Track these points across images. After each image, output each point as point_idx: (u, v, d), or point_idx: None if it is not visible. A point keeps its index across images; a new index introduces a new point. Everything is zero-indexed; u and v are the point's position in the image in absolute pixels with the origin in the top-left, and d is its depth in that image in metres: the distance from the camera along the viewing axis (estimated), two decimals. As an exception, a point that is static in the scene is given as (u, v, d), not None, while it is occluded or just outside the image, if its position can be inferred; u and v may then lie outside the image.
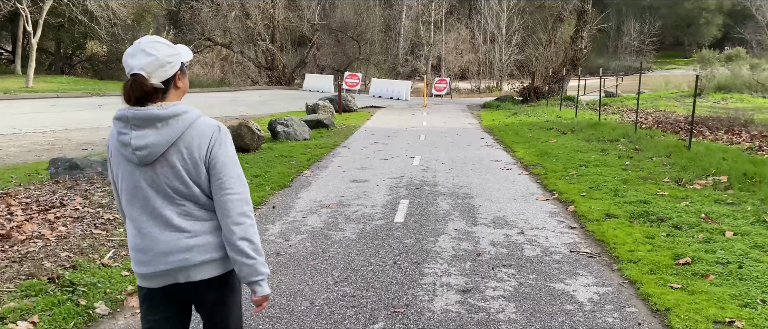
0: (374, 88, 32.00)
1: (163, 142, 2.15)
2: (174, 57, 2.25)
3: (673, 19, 73.60)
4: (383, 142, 14.14)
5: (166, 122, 2.15)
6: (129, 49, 2.24)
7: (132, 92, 2.16)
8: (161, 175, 2.20)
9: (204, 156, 2.21)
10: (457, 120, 20.51)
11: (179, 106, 2.20)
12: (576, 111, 19.28)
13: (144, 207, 2.24)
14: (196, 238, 2.25)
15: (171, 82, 2.24)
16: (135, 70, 2.17)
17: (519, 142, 13.56)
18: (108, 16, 35.28)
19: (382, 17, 51.15)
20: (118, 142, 2.19)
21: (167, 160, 2.18)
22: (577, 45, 28.15)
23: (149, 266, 2.26)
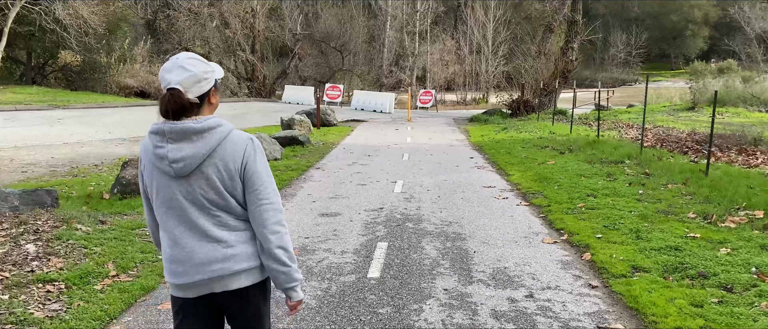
0: (356, 100, 30.64)
1: (198, 154, 2.23)
2: (209, 73, 2.32)
3: (660, 32, 73.27)
4: (362, 161, 12.74)
5: (201, 135, 2.23)
6: (166, 64, 2.30)
7: (169, 106, 2.22)
8: (197, 187, 2.27)
9: (239, 168, 2.30)
10: (443, 135, 19.17)
11: (213, 119, 2.27)
12: (571, 126, 18.04)
13: (180, 219, 2.30)
14: (232, 248, 2.32)
15: (206, 98, 2.31)
16: (172, 84, 2.23)
17: (513, 162, 12.23)
18: (79, 24, 33.65)
19: (366, 27, 49.97)
20: (154, 155, 2.27)
21: (203, 172, 2.26)
22: (567, 56, 27.04)
23: (185, 276, 2.31)
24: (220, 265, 2.29)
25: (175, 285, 2.36)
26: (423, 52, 47.48)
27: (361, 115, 26.79)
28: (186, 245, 2.29)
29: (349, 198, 8.73)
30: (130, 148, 15.27)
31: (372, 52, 50.03)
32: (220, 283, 2.32)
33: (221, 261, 2.29)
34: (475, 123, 24.25)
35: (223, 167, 2.26)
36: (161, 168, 2.25)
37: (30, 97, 28.70)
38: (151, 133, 2.27)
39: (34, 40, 37.14)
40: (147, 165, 2.32)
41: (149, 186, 2.35)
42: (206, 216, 2.29)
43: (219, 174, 2.26)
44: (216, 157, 2.25)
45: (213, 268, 2.29)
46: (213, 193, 2.28)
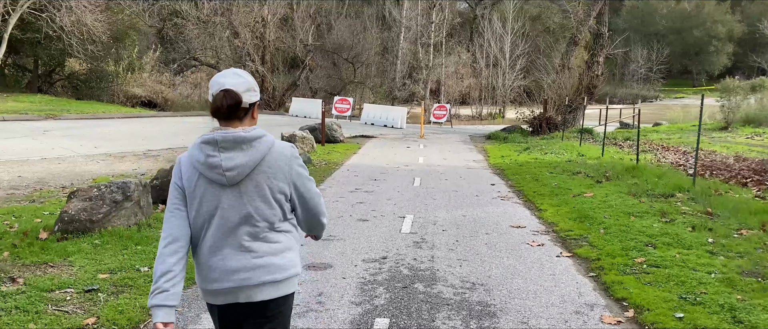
0: (366, 114, 29.00)
1: (250, 162, 2.37)
2: (257, 87, 2.50)
3: (682, 47, 71.23)
4: (367, 187, 11.05)
5: (251, 144, 2.38)
6: (220, 73, 2.48)
7: (225, 101, 2.36)
8: (245, 195, 2.39)
9: (286, 175, 2.44)
10: (459, 155, 17.45)
11: (259, 130, 2.44)
12: (603, 148, 16.22)
13: (220, 227, 2.40)
14: (261, 259, 2.42)
15: (251, 109, 2.47)
16: (227, 86, 2.39)
17: (543, 193, 10.47)
18: (81, 31, 32.49)
19: (380, 39, 48.51)
20: (205, 164, 2.37)
21: (253, 179, 2.39)
22: (593, 71, 25.28)
23: (216, 283, 2.41)
24: (247, 275, 2.40)
25: (206, 291, 2.46)
26: (437, 65, 45.85)
27: (371, 130, 25.15)
28: (222, 252, 2.41)
29: (345, 241, 7.03)
30: (112, 165, 13.72)
31: (385, 64, 48.54)
32: (245, 293, 2.41)
33: (249, 271, 2.40)
34: (493, 141, 22.49)
35: (272, 174, 2.41)
36: (211, 177, 2.37)
37: (31, 106, 27.42)
38: (202, 143, 2.39)
39: (39, 47, 36.07)
40: (191, 176, 2.42)
41: (191, 195, 2.43)
42: (246, 225, 2.42)
43: (268, 182, 2.41)
44: (265, 165, 2.40)
45: (240, 277, 2.40)
46: (260, 201, 2.41)
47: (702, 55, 72.22)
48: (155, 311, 2.32)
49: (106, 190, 6.90)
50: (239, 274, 2.40)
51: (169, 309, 2.32)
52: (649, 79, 69.67)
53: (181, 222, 2.44)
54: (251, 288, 2.40)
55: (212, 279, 2.41)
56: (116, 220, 6.89)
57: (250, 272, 2.40)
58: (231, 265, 2.40)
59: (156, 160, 14.98)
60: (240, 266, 2.40)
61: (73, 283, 5.14)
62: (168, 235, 2.41)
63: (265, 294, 2.43)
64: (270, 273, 2.42)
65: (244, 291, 2.41)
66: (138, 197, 7.21)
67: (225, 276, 2.40)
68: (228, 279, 2.40)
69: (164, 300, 2.32)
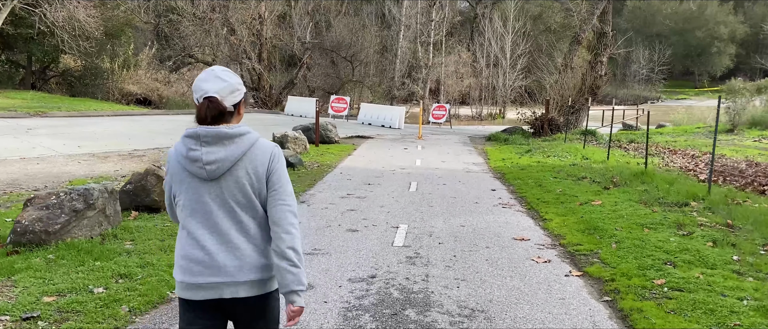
0: (364, 114, 28.30)
1: (230, 157, 2.38)
2: (241, 85, 2.48)
3: (684, 48, 70.54)
4: (360, 193, 10.37)
5: (233, 140, 2.38)
6: (201, 74, 2.47)
7: (208, 112, 2.38)
8: (225, 189, 2.40)
9: (265, 171, 2.44)
10: (458, 157, 16.76)
11: (243, 126, 2.43)
12: (608, 151, 15.53)
13: (204, 221, 2.41)
14: (248, 257, 2.40)
15: (237, 107, 2.47)
16: (209, 93, 2.39)
17: (547, 200, 9.78)
18: (73, 27, 31.82)
19: (379, 37, 47.84)
20: (187, 157, 2.39)
21: (233, 174, 2.39)
22: (596, 70, 24.62)
23: (200, 277, 2.38)
24: (234, 271, 2.38)
25: (185, 285, 2.41)
26: (437, 64, 45.15)
27: (368, 131, 24.45)
28: (206, 246, 2.39)
29: (330, 255, 6.35)
30: (93, 166, 13.05)
31: (384, 63, 47.85)
32: (230, 289, 2.39)
33: (236, 268, 2.38)
34: (493, 142, 21.81)
35: (253, 170, 2.42)
36: (193, 170, 2.39)
37: (21, 103, 26.72)
38: (185, 136, 2.40)
39: (33, 43, 35.39)
40: (177, 169, 2.44)
41: (177, 189, 2.46)
42: (231, 220, 2.41)
43: (248, 178, 2.41)
44: (246, 161, 2.40)
45: (227, 273, 2.37)
46: (241, 195, 2.41)
47: (704, 56, 71.56)
48: None
49: (66, 198, 6.21)
50: (226, 270, 2.38)
51: None
52: (650, 79, 69.04)
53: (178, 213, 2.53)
54: (238, 285, 2.40)
55: (196, 273, 2.39)
56: (77, 231, 6.20)
57: (237, 268, 2.40)
58: (217, 261, 2.39)
59: (141, 161, 14.31)
60: (226, 262, 2.39)
61: (10, 309, 4.46)
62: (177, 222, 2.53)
63: (250, 290, 2.41)
64: (257, 271, 2.41)
65: (230, 288, 2.39)
66: (102, 205, 6.52)
67: (209, 270, 2.38)
68: (213, 274, 2.38)
69: None
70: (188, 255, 2.41)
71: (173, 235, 6.94)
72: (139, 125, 21.36)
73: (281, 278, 2.40)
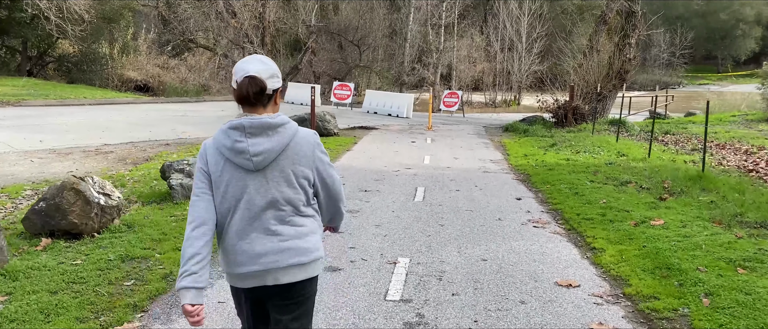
0: (369, 101, 26.11)
1: (276, 148, 2.44)
2: (279, 73, 2.55)
3: (706, 31, 67.49)
4: (352, 204, 8.29)
5: (277, 130, 2.44)
6: (244, 59, 2.53)
7: (250, 88, 2.43)
8: (271, 180, 2.46)
9: (310, 160, 2.52)
10: (473, 153, 14.63)
11: (284, 116, 2.48)
12: (650, 147, 13.28)
13: (247, 212, 2.46)
14: (288, 242, 2.49)
15: (274, 95, 2.53)
16: (251, 72, 2.44)
17: (590, 216, 7.64)
18: (60, 9, 29.94)
19: (388, 20, 45.49)
20: (232, 149, 2.43)
21: (278, 165, 2.46)
22: (625, 54, 22.27)
23: (244, 266, 2.47)
24: (275, 258, 2.46)
25: (233, 275, 2.51)
26: (449, 48, 42.80)
27: (373, 120, 22.33)
28: (248, 236, 2.46)
29: (293, 320, 4.29)
30: (46, 165, 11.10)
31: (393, 47, 45.58)
32: (272, 275, 2.47)
33: (276, 254, 2.46)
34: (512, 134, 19.62)
35: (297, 160, 2.47)
36: (238, 162, 2.43)
37: (11, 90, 24.84)
38: (229, 128, 2.44)
39: (27, 28, 33.48)
40: (218, 161, 2.47)
41: (217, 181, 2.47)
42: (272, 209, 2.47)
43: (293, 167, 2.47)
44: (290, 151, 2.46)
45: (268, 260, 2.45)
46: (285, 185, 2.47)
47: (728, 40, 68.46)
48: (184, 293, 2.38)
49: None
50: (267, 257, 2.46)
51: (198, 291, 2.38)
52: (671, 64, 66.16)
53: (207, 205, 2.48)
54: (279, 271, 2.48)
55: (240, 263, 2.47)
56: None
57: (278, 255, 2.47)
58: (258, 249, 2.46)
59: (105, 158, 12.33)
60: (267, 249, 2.47)
61: None
62: (195, 219, 2.46)
63: (292, 276, 2.50)
64: (297, 256, 2.49)
65: (272, 274, 2.48)
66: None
67: (253, 259, 2.46)
68: (255, 262, 2.46)
69: (193, 283, 2.37)
70: (234, 247, 2.48)
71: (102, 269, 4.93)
72: (121, 115, 19.39)
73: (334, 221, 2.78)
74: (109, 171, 10.98)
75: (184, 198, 8.03)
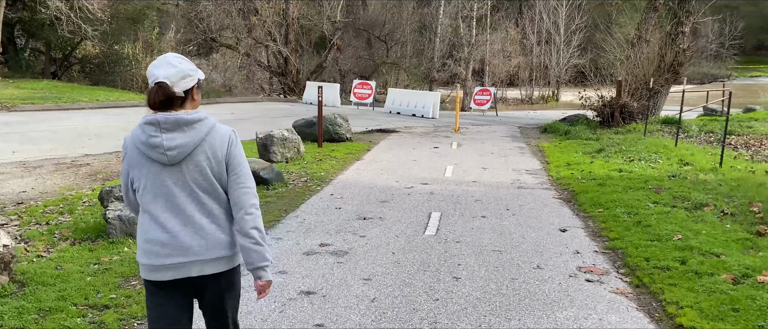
0: (391, 100, 24.03)
1: (190, 143, 2.50)
2: (193, 72, 2.59)
3: (758, 20, 63.30)
4: (342, 240, 6.33)
5: (192, 126, 2.50)
6: (155, 61, 2.56)
7: (156, 97, 2.49)
8: (187, 173, 2.52)
9: (225, 154, 2.57)
10: (505, 160, 12.51)
11: (201, 112, 2.56)
12: (722, 153, 10.95)
13: (167, 204, 2.52)
14: (212, 235, 2.54)
15: (189, 94, 2.57)
16: (159, 78, 2.49)
17: (664, 263, 5.50)
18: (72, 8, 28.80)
19: (417, 14, 43.36)
20: (147, 144, 2.49)
21: (194, 159, 2.51)
22: (678, 44, 19.77)
23: (166, 258, 2.50)
24: (200, 250, 2.51)
25: (151, 267, 2.52)
26: (481, 42, 40.46)
27: (395, 121, 20.32)
28: (171, 229, 2.49)
29: None
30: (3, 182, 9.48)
31: (422, 42, 43.46)
32: (197, 267, 2.52)
33: (202, 247, 2.51)
34: (551, 135, 17.37)
35: (212, 155, 2.54)
36: (154, 156, 2.48)
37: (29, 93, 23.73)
38: (145, 123, 2.49)
39: (49, 29, 32.49)
40: (135, 155, 2.53)
41: (136, 175, 2.55)
42: (194, 202, 2.53)
43: (208, 162, 2.53)
44: (205, 146, 2.52)
45: (193, 252, 2.50)
46: (202, 179, 2.53)
47: (782, 28, 64.14)
48: None
49: None
50: (192, 249, 2.50)
51: None
52: (719, 56, 62.32)
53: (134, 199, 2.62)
54: (205, 263, 2.52)
55: (162, 255, 2.49)
56: None
57: (202, 247, 2.51)
58: (182, 242, 2.49)
59: (76, 172, 10.66)
60: (191, 242, 2.50)
61: None
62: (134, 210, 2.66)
63: (216, 267, 2.55)
64: (221, 248, 2.55)
65: (197, 266, 2.51)
66: None
67: (177, 252, 2.48)
68: (180, 254, 2.48)
69: None
70: (153, 238, 2.50)
71: None
72: (119, 120, 17.81)
73: (247, 256, 2.58)
74: (69, 190, 9.27)
75: (123, 235, 6.19)
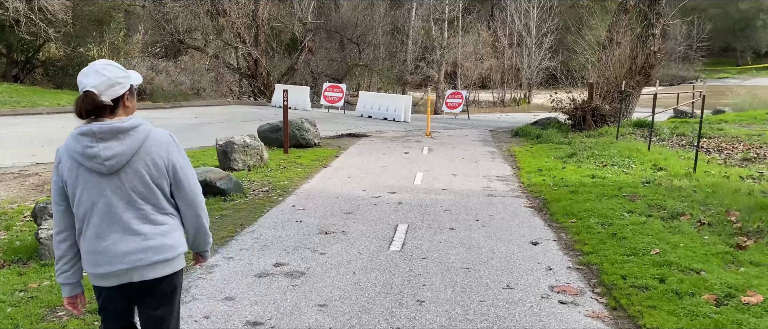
0: (362, 104, 23.60)
1: (128, 151, 2.50)
2: (123, 79, 2.57)
3: (725, 22, 64.31)
4: (299, 259, 5.87)
5: (128, 133, 2.51)
6: (84, 70, 2.57)
7: (83, 106, 2.48)
8: (126, 182, 2.53)
9: (164, 161, 2.59)
10: (476, 167, 12.15)
11: (136, 119, 2.55)
12: (696, 159, 10.73)
13: (106, 214, 2.54)
14: (151, 240, 2.59)
15: (120, 101, 2.56)
16: (87, 87, 2.50)
17: (643, 281, 5.14)
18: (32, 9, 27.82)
19: (389, 16, 43.02)
20: (83, 154, 2.48)
21: (132, 166, 2.52)
22: (649, 46, 19.70)
23: (107, 266, 2.55)
24: (139, 256, 2.56)
25: (96, 275, 2.59)
26: (453, 44, 40.26)
27: (366, 125, 19.89)
28: (109, 237, 2.53)
29: None
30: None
31: (395, 45, 43.13)
32: (138, 273, 2.58)
33: (141, 252, 2.56)
34: (522, 139, 17.11)
35: (151, 161, 2.55)
36: (91, 167, 2.48)
37: None
38: (79, 134, 2.48)
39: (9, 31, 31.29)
40: (71, 166, 2.51)
41: (72, 186, 2.53)
42: (132, 210, 2.55)
43: (147, 168, 2.54)
44: (143, 153, 2.52)
45: (132, 258, 2.55)
46: (141, 186, 2.55)
47: (748, 31, 65.26)
48: (63, 287, 2.67)
49: None
50: (132, 256, 2.54)
51: (74, 285, 2.65)
52: (688, 58, 63.13)
53: (64, 213, 2.59)
54: (145, 268, 2.57)
55: (103, 263, 2.53)
56: None
57: (143, 253, 2.56)
58: (122, 248, 2.54)
59: (22, 183, 10.02)
60: (131, 248, 2.55)
61: None
62: (57, 225, 2.61)
63: (158, 271, 2.61)
64: (161, 253, 2.59)
65: (138, 271, 2.57)
66: None
67: (117, 259, 2.53)
68: (120, 261, 2.53)
69: (67, 279, 2.63)
70: (94, 248, 2.54)
71: None
72: (79, 123, 17.03)
73: (199, 242, 2.83)
74: (11, 203, 8.64)
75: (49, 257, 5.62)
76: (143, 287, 2.61)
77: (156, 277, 2.60)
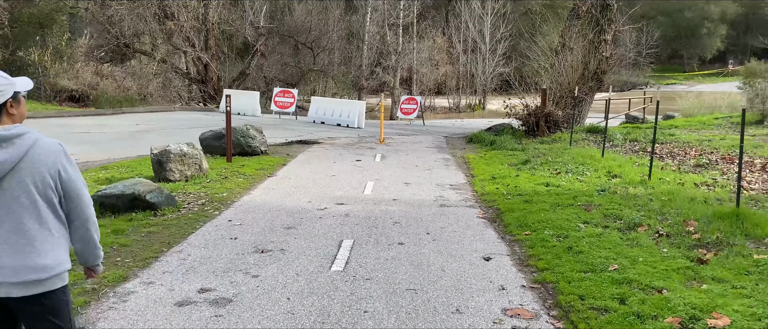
0: (315, 109, 22.97)
1: (10, 160, 2.40)
2: (5, 86, 2.49)
3: (672, 30, 66.09)
4: (228, 284, 5.27)
5: (12, 142, 2.42)
6: None
7: None
8: (8, 191, 2.42)
9: (53, 171, 2.50)
10: (429, 175, 11.72)
11: (21, 127, 2.47)
12: (650, 164, 10.53)
13: None
14: (34, 255, 2.47)
15: (3, 109, 2.49)
16: None
17: (602, 301, 4.75)
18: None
19: (344, 21, 42.52)
20: None
21: (15, 176, 2.41)
22: (601, 52, 19.74)
23: None
24: (9, 273, 2.42)
25: None
26: (409, 50, 40.00)
27: (318, 132, 19.29)
28: None
29: None
30: None
31: (350, 50, 42.65)
32: (4, 289, 2.44)
33: (12, 269, 2.42)
34: (476, 146, 16.80)
35: (37, 171, 2.45)
36: None
37: None
38: None
39: None
40: None
41: None
42: (12, 221, 2.43)
43: (32, 178, 2.44)
44: (28, 162, 2.43)
45: (15, 272, 2.43)
46: (25, 198, 2.44)
47: (694, 38, 67.23)
48: None
49: None
50: (12, 270, 2.43)
51: None
52: (637, 64, 64.62)
53: None
54: (11, 286, 2.44)
55: None
56: None
57: (13, 269, 2.43)
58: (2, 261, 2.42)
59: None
60: (12, 263, 2.43)
61: None
62: None
63: (27, 290, 2.47)
64: (34, 272, 2.46)
65: (4, 288, 2.45)
66: None
67: None
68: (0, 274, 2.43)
69: None
70: None
71: None
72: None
73: (91, 255, 2.70)
74: None
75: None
76: (13, 304, 2.51)
77: (24, 296, 2.47)
